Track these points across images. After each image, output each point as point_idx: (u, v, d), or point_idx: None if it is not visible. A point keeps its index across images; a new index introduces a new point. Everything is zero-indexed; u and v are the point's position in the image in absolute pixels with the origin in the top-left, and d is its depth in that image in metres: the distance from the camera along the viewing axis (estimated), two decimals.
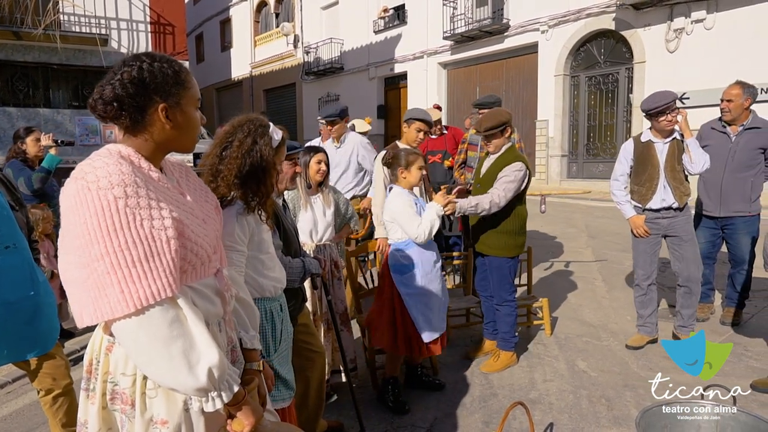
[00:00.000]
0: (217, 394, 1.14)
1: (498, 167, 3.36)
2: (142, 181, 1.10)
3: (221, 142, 1.76)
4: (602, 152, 12.55)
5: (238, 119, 1.80)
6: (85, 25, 10.74)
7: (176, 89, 1.20)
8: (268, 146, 1.75)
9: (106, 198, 1.04)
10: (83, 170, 1.07)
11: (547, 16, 12.85)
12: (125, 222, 1.05)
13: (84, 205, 1.04)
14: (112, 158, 1.10)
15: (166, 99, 1.19)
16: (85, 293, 1.05)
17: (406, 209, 2.93)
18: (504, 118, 3.34)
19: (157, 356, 1.07)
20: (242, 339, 1.50)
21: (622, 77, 11.94)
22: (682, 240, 3.59)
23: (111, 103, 1.16)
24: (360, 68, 18.51)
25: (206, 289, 1.28)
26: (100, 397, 1.21)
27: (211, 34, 26.31)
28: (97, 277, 1.04)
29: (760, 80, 7.62)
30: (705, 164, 3.46)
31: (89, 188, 1.04)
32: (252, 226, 1.79)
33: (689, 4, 10.43)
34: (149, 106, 1.18)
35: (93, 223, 1.03)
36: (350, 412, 2.90)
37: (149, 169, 1.19)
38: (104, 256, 1.03)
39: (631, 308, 4.56)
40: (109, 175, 1.06)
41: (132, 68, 1.17)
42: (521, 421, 2.80)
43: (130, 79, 1.16)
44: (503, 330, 3.52)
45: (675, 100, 3.48)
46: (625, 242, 7.09)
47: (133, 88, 1.16)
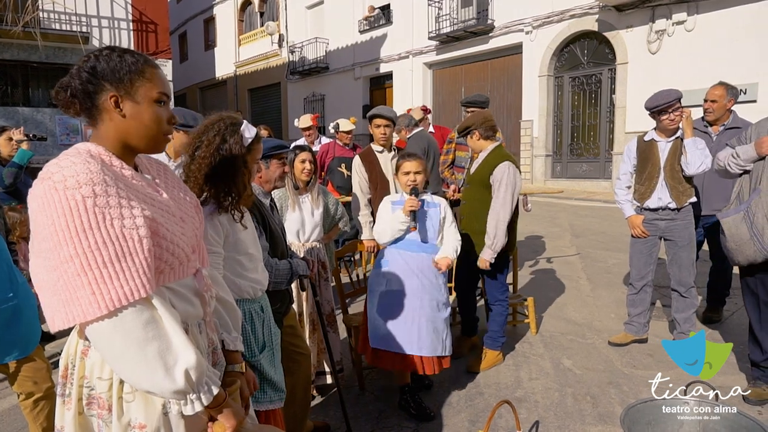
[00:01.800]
0: (196, 396, 1.12)
1: (486, 168, 3.37)
2: (111, 179, 1.07)
3: (193, 142, 1.73)
4: (586, 152, 12.67)
5: (210, 118, 1.77)
6: (66, 23, 10.58)
7: (129, 77, 1.16)
8: (238, 144, 1.72)
9: (74, 198, 1.01)
10: (50, 170, 1.04)
11: (531, 17, 12.94)
12: (94, 222, 1.02)
13: (51, 206, 1.01)
14: (79, 157, 1.07)
15: (117, 87, 1.16)
16: (55, 296, 1.02)
17: (382, 214, 2.95)
18: (468, 122, 3.42)
19: (133, 359, 1.04)
20: (224, 340, 1.47)
21: (605, 78, 12.08)
22: (678, 245, 3.58)
23: (65, 90, 1.15)
24: (345, 68, 18.48)
25: (185, 290, 1.25)
26: (76, 402, 1.18)
27: (195, 33, 26.07)
28: (67, 279, 1.01)
29: (738, 81, 7.74)
30: (702, 166, 3.37)
31: (56, 188, 1.01)
32: (226, 226, 1.76)
33: (670, 6, 10.58)
34: (99, 92, 1.15)
35: (61, 224, 1.00)
36: (336, 413, 2.88)
37: (121, 167, 1.16)
38: (74, 257, 1.00)
39: (615, 306, 4.61)
40: (77, 174, 1.03)
41: (90, 58, 1.17)
42: (507, 420, 2.80)
43: (86, 67, 1.15)
44: (493, 329, 3.53)
45: (678, 99, 3.40)
46: (609, 241, 7.17)
47: (85, 75, 1.15)
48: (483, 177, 3.36)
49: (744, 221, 2.84)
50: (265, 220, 2.18)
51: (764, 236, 2.76)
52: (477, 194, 3.43)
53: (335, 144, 5.48)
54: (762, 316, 2.93)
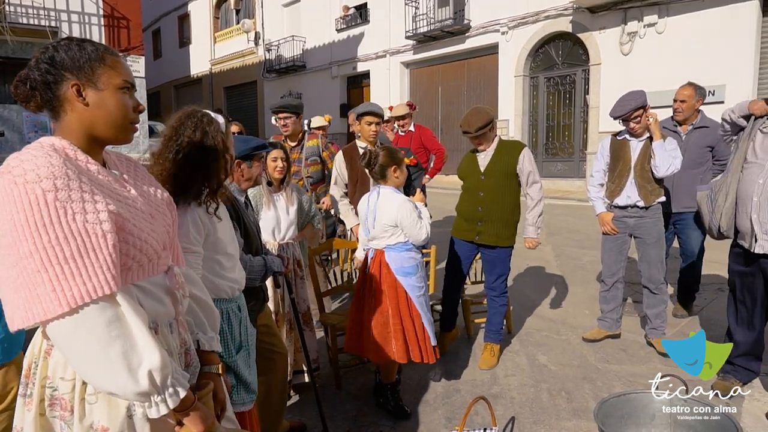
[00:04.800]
0: (161, 399, 1.08)
1: (506, 159, 3.42)
2: (74, 173, 1.04)
3: (169, 144, 1.68)
4: (561, 151, 12.85)
5: (176, 118, 1.71)
6: (34, 17, 10.30)
7: (90, 65, 1.14)
8: (219, 132, 1.71)
9: (34, 192, 0.97)
10: (9, 164, 1.01)
11: (507, 18, 13.07)
12: (55, 216, 0.98)
13: (10, 200, 0.97)
14: (41, 150, 1.04)
15: (78, 75, 1.13)
16: (15, 294, 0.98)
17: (412, 213, 2.79)
18: (491, 116, 3.44)
19: (95, 359, 1.01)
20: (199, 341, 1.43)
21: (579, 78, 12.27)
22: (646, 243, 3.65)
23: (24, 83, 1.12)
24: (322, 67, 18.40)
25: (155, 288, 1.21)
26: (37, 403, 1.13)
27: (169, 30, 25.65)
28: (27, 276, 0.97)
29: (707, 83, 7.94)
30: (671, 168, 3.44)
31: (15, 182, 0.98)
32: (207, 225, 1.73)
33: (642, 8, 10.79)
34: (60, 83, 1.12)
35: (20, 219, 0.97)
36: (313, 413, 2.86)
37: (87, 162, 1.12)
38: (34, 253, 0.97)
39: (588, 303, 4.68)
40: (37, 168, 0.99)
41: (48, 49, 1.14)
42: (483, 416, 2.82)
43: (44, 58, 1.12)
44: (497, 321, 3.57)
45: (637, 108, 3.46)
46: (583, 239, 7.28)
47: (44, 66, 1.11)
48: (507, 167, 3.42)
49: (708, 197, 2.98)
50: (239, 216, 2.16)
51: (716, 214, 2.89)
52: (501, 183, 3.44)
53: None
54: (738, 313, 3.01)
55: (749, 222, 2.74)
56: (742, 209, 2.79)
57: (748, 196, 2.74)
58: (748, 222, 2.75)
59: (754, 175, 2.73)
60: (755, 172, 2.74)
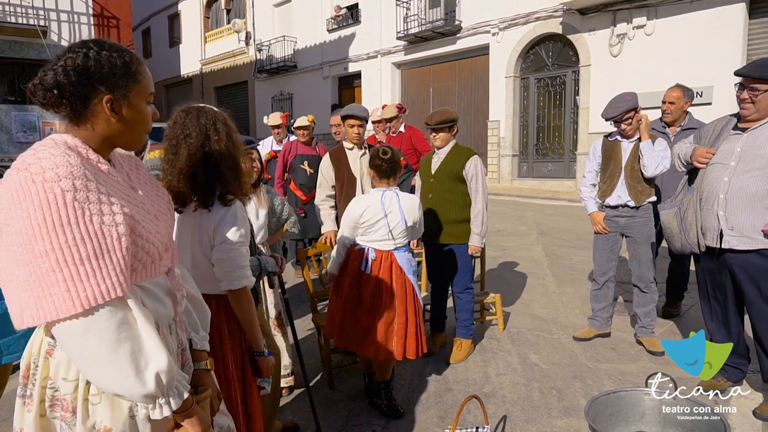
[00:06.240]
0: (165, 400, 1.09)
1: (455, 162, 3.50)
2: (91, 173, 1.04)
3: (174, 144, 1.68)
4: (551, 152, 12.94)
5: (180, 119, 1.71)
6: (22, 16, 10.20)
7: (124, 81, 1.12)
8: (235, 131, 1.75)
9: (53, 191, 0.97)
10: (26, 161, 1.00)
11: (497, 19, 13.13)
12: (73, 217, 0.98)
13: (28, 198, 0.96)
14: (58, 149, 1.02)
15: (113, 91, 1.11)
16: (26, 292, 0.98)
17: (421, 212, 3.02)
18: (453, 116, 3.54)
19: (104, 360, 1.01)
20: (192, 340, 1.44)
21: (569, 80, 12.35)
22: (637, 242, 3.70)
23: (51, 90, 1.07)
24: (314, 67, 18.38)
25: (156, 289, 1.22)
26: (38, 404, 1.13)
27: (159, 29, 25.49)
28: (40, 275, 0.97)
29: (695, 84, 8.05)
30: (660, 167, 3.50)
31: (33, 180, 0.97)
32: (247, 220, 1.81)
33: (631, 10, 10.89)
34: (93, 96, 1.10)
35: (38, 218, 0.96)
36: (305, 413, 2.87)
37: (98, 162, 1.12)
38: (50, 252, 0.96)
39: (579, 302, 4.72)
40: (56, 166, 0.98)
41: (77, 55, 1.09)
42: (476, 415, 2.84)
43: (74, 66, 1.08)
44: (464, 317, 3.63)
45: (628, 110, 3.53)
46: (573, 239, 7.34)
47: (75, 76, 1.07)
48: (455, 170, 3.50)
49: (676, 217, 3.01)
50: None
51: (689, 233, 2.93)
52: (447, 186, 3.54)
53: (297, 142, 5.47)
54: (713, 311, 3.05)
55: (716, 218, 2.80)
56: (707, 207, 2.85)
57: (714, 194, 2.80)
58: (715, 219, 2.81)
59: (718, 173, 2.81)
60: (720, 170, 2.81)
